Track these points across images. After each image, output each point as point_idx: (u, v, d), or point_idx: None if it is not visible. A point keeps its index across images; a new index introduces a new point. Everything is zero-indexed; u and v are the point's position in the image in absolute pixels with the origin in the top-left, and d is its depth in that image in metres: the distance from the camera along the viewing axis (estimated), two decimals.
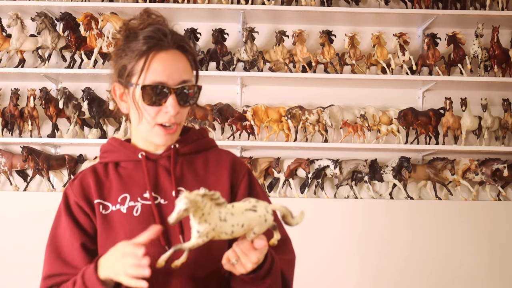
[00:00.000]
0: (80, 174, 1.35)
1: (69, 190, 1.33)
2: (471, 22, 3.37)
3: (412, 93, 3.50)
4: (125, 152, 1.34)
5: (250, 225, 1.11)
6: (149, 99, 1.24)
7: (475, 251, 3.32)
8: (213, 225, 1.09)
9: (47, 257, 1.30)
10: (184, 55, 1.27)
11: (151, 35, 1.25)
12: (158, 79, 1.23)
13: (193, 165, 1.34)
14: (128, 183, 1.30)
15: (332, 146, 3.29)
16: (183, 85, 1.25)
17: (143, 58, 1.24)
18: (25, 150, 3.27)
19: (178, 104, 1.24)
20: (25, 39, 3.31)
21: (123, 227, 1.24)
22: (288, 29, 3.35)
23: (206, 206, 1.09)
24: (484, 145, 3.35)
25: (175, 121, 1.26)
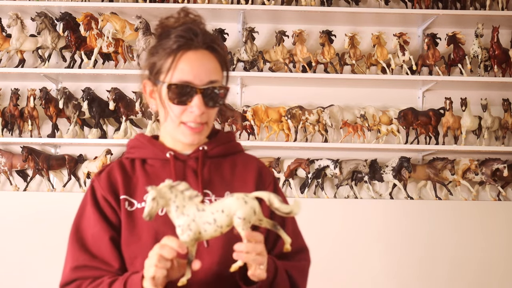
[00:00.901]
0: (108, 167, 1.34)
1: (96, 183, 1.32)
2: (471, 22, 3.36)
3: (412, 93, 3.50)
4: (153, 150, 1.34)
5: (230, 209, 1.09)
6: (174, 98, 1.24)
7: (475, 251, 3.31)
8: (192, 216, 1.08)
9: (72, 248, 1.28)
10: (214, 55, 1.26)
11: (182, 34, 1.25)
12: (184, 78, 1.23)
13: (220, 168, 1.34)
14: (155, 181, 1.28)
15: (332, 146, 3.29)
16: (210, 86, 1.24)
17: (171, 56, 1.24)
18: (25, 150, 3.27)
19: (204, 104, 1.23)
20: (25, 39, 3.31)
21: (148, 226, 1.23)
22: (288, 29, 3.35)
23: (178, 198, 1.08)
24: (484, 145, 3.35)
25: (200, 121, 1.25)
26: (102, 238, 1.26)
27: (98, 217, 1.28)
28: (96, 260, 1.25)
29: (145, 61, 1.30)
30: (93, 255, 1.25)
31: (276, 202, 1.12)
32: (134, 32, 3.27)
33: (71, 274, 1.26)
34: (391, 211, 3.32)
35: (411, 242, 3.31)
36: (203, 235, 1.09)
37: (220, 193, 1.29)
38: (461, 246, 3.31)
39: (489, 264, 3.31)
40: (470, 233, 3.32)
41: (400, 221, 3.31)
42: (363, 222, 3.30)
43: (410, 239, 3.30)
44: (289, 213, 1.13)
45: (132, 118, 3.35)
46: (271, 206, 1.13)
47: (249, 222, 1.09)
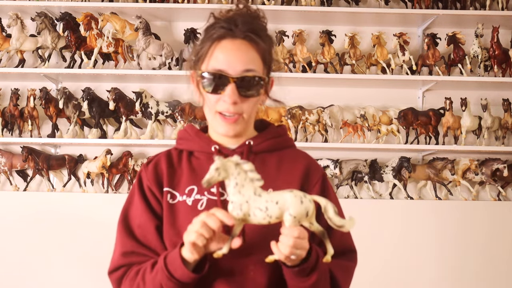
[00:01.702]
0: (156, 158, 1.35)
1: (143, 173, 1.33)
2: (471, 22, 3.35)
3: (412, 93, 3.50)
4: (199, 143, 1.33)
5: (285, 203, 1.09)
6: (208, 86, 1.23)
7: (475, 251, 3.31)
8: (247, 198, 1.09)
9: (120, 234, 1.30)
10: (253, 46, 1.24)
11: (223, 24, 1.25)
12: (218, 66, 1.22)
13: (266, 164, 1.31)
14: (199, 174, 1.28)
15: (332, 146, 3.28)
16: (245, 75, 1.22)
17: (209, 45, 1.24)
18: (25, 150, 3.27)
19: (237, 94, 1.22)
20: (25, 39, 3.30)
21: (187, 220, 1.20)
22: (288, 29, 3.34)
23: (240, 176, 1.09)
24: (484, 145, 3.34)
25: (234, 111, 1.23)
26: (149, 227, 1.28)
27: (144, 206, 1.29)
28: (143, 247, 1.26)
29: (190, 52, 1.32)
30: (141, 242, 1.27)
31: (331, 212, 1.11)
32: (134, 32, 3.27)
33: (119, 259, 1.27)
34: (391, 211, 3.32)
35: (411, 242, 3.30)
36: (250, 219, 1.10)
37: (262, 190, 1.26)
38: (461, 246, 3.31)
39: (490, 264, 3.30)
40: (470, 233, 3.31)
41: (400, 221, 3.31)
42: (363, 222, 3.26)
43: (410, 239, 3.30)
44: (340, 226, 1.12)
45: (132, 118, 3.35)
46: (325, 213, 1.12)
47: (299, 221, 1.10)
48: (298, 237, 1.09)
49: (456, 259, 3.30)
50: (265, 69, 1.27)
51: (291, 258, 1.12)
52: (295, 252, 1.10)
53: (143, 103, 3.24)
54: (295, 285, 1.20)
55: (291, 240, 1.09)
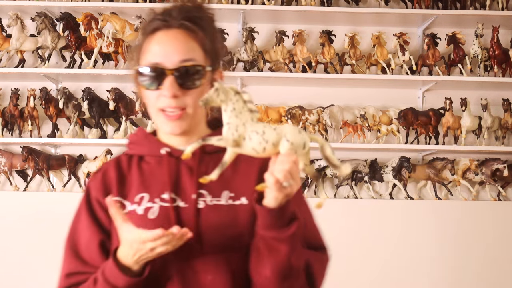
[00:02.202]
0: (104, 166, 1.28)
1: (91, 184, 1.26)
2: (471, 22, 3.35)
3: (412, 93, 3.49)
4: (149, 146, 1.26)
5: (282, 130, 1.03)
6: (145, 83, 1.16)
7: (475, 251, 3.31)
8: (244, 120, 1.04)
9: (66, 254, 1.24)
10: (190, 34, 1.17)
11: (157, 16, 1.19)
12: (154, 60, 1.15)
13: None
14: (149, 180, 1.22)
15: (332, 146, 3.24)
16: (183, 65, 1.14)
17: (144, 39, 1.19)
18: (25, 150, 3.26)
19: (177, 86, 1.14)
20: (25, 39, 3.29)
21: None
22: (288, 29, 3.34)
23: (238, 103, 1.04)
24: (484, 145, 3.33)
25: (176, 105, 1.15)
26: (93, 243, 1.21)
27: (90, 221, 1.22)
28: (88, 265, 1.20)
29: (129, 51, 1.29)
30: (85, 261, 1.20)
31: (329, 151, 1.07)
32: (134, 32, 3.27)
33: (64, 281, 1.22)
34: (391, 211, 3.32)
35: (411, 242, 3.30)
36: (245, 143, 1.04)
37: (217, 193, 1.19)
38: (461, 247, 3.30)
39: (490, 264, 3.30)
40: (470, 233, 3.31)
41: (400, 221, 3.30)
42: (363, 222, 3.30)
43: (410, 240, 3.30)
44: (337, 167, 1.08)
45: (132, 118, 3.34)
46: (322, 152, 1.07)
47: (295, 151, 1.03)
48: (294, 163, 1.02)
49: (456, 259, 3.30)
50: (207, 58, 1.19)
51: (283, 186, 1.02)
52: (289, 180, 1.02)
53: (143, 103, 3.24)
54: (272, 237, 1.09)
55: (287, 164, 1.01)
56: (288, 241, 1.10)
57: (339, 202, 3.33)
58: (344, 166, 1.08)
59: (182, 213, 1.17)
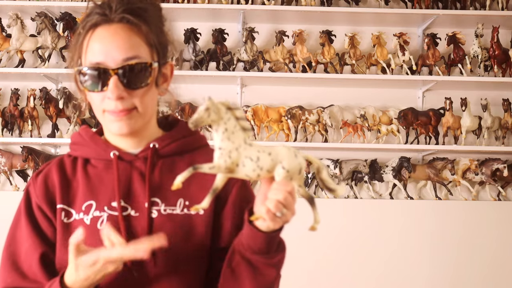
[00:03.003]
0: (45, 169, 1.16)
1: (31, 188, 1.15)
2: (471, 22, 3.33)
3: (412, 93, 3.48)
4: (95, 148, 1.14)
5: (278, 155, 0.97)
6: (87, 84, 1.06)
7: (474, 252, 3.31)
8: (236, 145, 0.96)
9: (3, 264, 1.12)
10: (133, 28, 1.06)
11: (97, 10, 1.07)
12: (95, 59, 1.04)
13: (175, 169, 1.11)
14: (96, 187, 1.11)
15: (332, 146, 3.28)
16: (127, 63, 1.04)
17: (84, 36, 1.07)
18: (25, 150, 3.24)
19: (122, 87, 1.04)
20: (25, 39, 3.27)
21: (86, 241, 1.02)
22: (288, 29, 3.32)
23: (230, 121, 0.96)
24: (484, 145, 3.32)
25: (123, 108, 1.05)
26: (33, 255, 1.10)
27: (31, 229, 1.12)
28: (27, 280, 1.09)
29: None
30: (24, 274, 1.10)
31: (325, 173, 1.02)
32: None
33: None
34: (391, 211, 3.32)
35: (411, 242, 3.30)
36: (238, 169, 0.98)
37: (171, 202, 1.10)
38: (461, 247, 3.30)
39: (490, 264, 3.30)
40: (470, 233, 3.31)
41: (400, 221, 3.30)
42: (363, 222, 3.29)
43: (410, 239, 3.30)
44: (333, 190, 1.04)
45: None
46: (318, 174, 1.02)
47: (291, 178, 0.98)
48: (290, 193, 0.96)
49: (457, 259, 3.30)
50: (154, 53, 1.08)
51: (276, 216, 0.96)
52: (282, 210, 0.96)
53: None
54: (261, 262, 1.04)
55: (281, 194, 0.95)
56: (276, 266, 1.06)
57: (339, 202, 3.32)
58: (340, 188, 1.05)
59: (134, 223, 1.08)
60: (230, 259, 1.07)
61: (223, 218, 1.13)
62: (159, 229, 1.06)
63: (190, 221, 1.09)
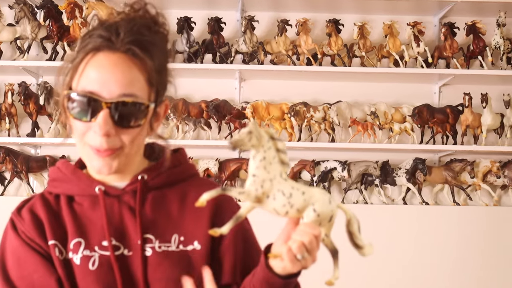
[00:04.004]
0: (28, 205, 1.12)
1: (18, 224, 1.09)
2: (492, 9, 3.27)
3: (428, 88, 3.43)
4: (78, 184, 1.11)
5: (312, 197, 0.99)
6: (75, 112, 1.01)
7: (496, 260, 3.22)
8: (271, 176, 0.98)
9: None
10: (137, 62, 1.02)
11: (102, 32, 1.02)
12: (89, 87, 0.99)
13: (166, 202, 1.12)
14: (85, 225, 1.08)
15: (339, 146, 3.22)
16: (122, 99, 0.99)
17: (82, 58, 1.02)
18: (2, 150, 3.18)
19: (111, 123, 1.00)
20: (2, 29, 3.21)
21: (79, 283, 1.04)
22: (291, 18, 3.27)
23: (270, 151, 0.99)
24: (506, 145, 3.27)
25: (108, 146, 1.00)
26: (49, 282, 1.05)
27: (37, 258, 1.06)
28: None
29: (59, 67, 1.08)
30: None
31: (356, 227, 1.04)
32: None
33: None
34: (405, 217, 3.26)
35: (427, 252, 3.21)
36: (268, 202, 0.99)
37: (166, 238, 1.08)
38: (481, 256, 3.22)
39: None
40: (491, 242, 3.24)
41: (415, 229, 3.24)
42: (373, 230, 3.13)
43: (425, 249, 3.22)
44: (361, 247, 1.04)
45: None
46: (348, 226, 1.04)
47: (320, 223, 0.99)
48: (316, 237, 0.97)
49: (477, 269, 3.22)
50: (152, 92, 1.05)
51: (296, 259, 0.98)
52: (304, 253, 0.97)
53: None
54: None
55: (307, 237, 0.96)
56: None
57: (348, 207, 3.11)
58: (368, 248, 1.04)
59: (128, 263, 1.06)
60: None
61: (222, 252, 1.13)
62: (155, 268, 1.07)
63: (188, 258, 1.09)
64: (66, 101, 1.02)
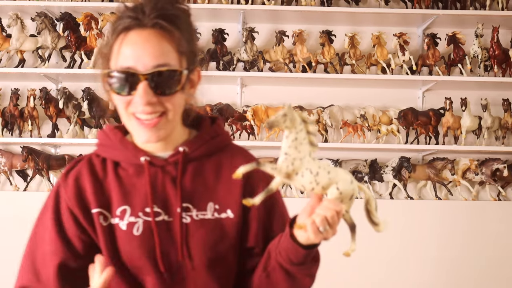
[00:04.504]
0: (75, 169, 1.15)
1: (62, 189, 1.13)
2: (471, 22, 3.34)
3: (412, 93, 3.48)
4: (125, 152, 1.14)
5: (336, 176, 1.02)
6: (116, 88, 1.06)
7: (475, 251, 3.31)
8: (302, 155, 1.01)
9: (23, 263, 1.15)
10: (165, 34, 1.06)
11: (130, 13, 1.06)
12: (126, 63, 1.04)
13: (203, 173, 1.15)
14: (129, 192, 1.12)
15: (332, 146, 3.28)
16: (157, 70, 1.03)
17: (115, 39, 1.07)
18: (25, 150, 3.26)
19: (151, 93, 1.04)
20: (25, 39, 3.29)
21: (123, 247, 1.08)
22: (288, 29, 3.33)
23: (301, 133, 1.02)
24: (484, 145, 3.33)
25: (151, 111, 1.04)
26: (51, 261, 1.10)
27: (55, 233, 1.11)
28: (41, 284, 1.11)
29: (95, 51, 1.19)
30: (39, 276, 1.12)
31: (373, 205, 1.08)
32: None
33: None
34: (391, 211, 3.30)
35: (411, 243, 3.29)
36: (296, 178, 1.02)
37: (202, 206, 1.12)
38: (461, 246, 3.30)
39: (490, 264, 3.30)
40: (470, 233, 3.31)
41: (400, 221, 3.28)
42: (362, 222, 3.27)
43: (409, 240, 3.29)
44: (377, 224, 1.09)
45: None
46: (367, 204, 1.08)
47: (342, 200, 1.03)
48: (338, 213, 1.00)
49: (456, 259, 3.30)
50: (183, 60, 1.08)
51: (319, 231, 1.01)
52: (326, 226, 1.00)
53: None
54: (299, 272, 1.10)
55: (330, 212, 0.99)
56: (312, 275, 1.13)
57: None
58: (382, 225, 1.10)
59: (168, 228, 1.11)
60: (266, 264, 1.13)
61: (250, 219, 1.16)
62: (193, 234, 1.10)
63: (221, 225, 1.13)
64: (107, 79, 1.06)
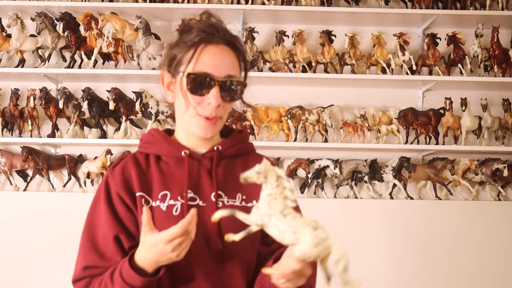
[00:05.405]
0: (122, 163, 1.34)
1: (110, 179, 1.32)
2: (471, 22, 3.35)
3: (412, 93, 3.49)
4: (167, 147, 1.34)
5: (300, 238, 1.09)
6: (193, 87, 1.25)
7: (475, 251, 3.31)
8: (272, 211, 1.11)
9: (83, 246, 1.30)
10: (234, 52, 1.29)
11: (204, 29, 1.28)
12: (204, 69, 1.25)
13: (233, 169, 1.35)
14: (169, 179, 1.30)
15: (332, 146, 3.28)
16: (228, 79, 1.25)
17: (192, 48, 1.26)
18: (25, 150, 3.27)
19: (220, 97, 1.25)
20: (25, 39, 3.30)
21: (162, 226, 1.20)
22: (288, 29, 3.34)
23: (277, 189, 1.12)
24: (484, 145, 3.34)
25: (215, 115, 1.26)
26: (109, 236, 1.27)
27: (109, 214, 1.29)
28: (105, 260, 1.26)
29: (164, 54, 1.34)
30: (102, 254, 1.27)
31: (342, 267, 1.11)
32: (134, 32, 3.27)
33: (81, 272, 1.28)
34: (391, 211, 3.32)
35: (411, 242, 3.30)
36: (267, 230, 1.14)
37: (232, 195, 1.31)
38: (461, 246, 3.31)
39: (489, 264, 3.31)
40: (470, 233, 3.31)
41: (400, 221, 3.30)
42: (363, 222, 3.29)
43: (410, 239, 3.30)
44: (347, 283, 1.11)
45: (132, 118, 3.35)
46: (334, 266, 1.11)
47: (306, 260, 1.11)
48: (293, 273, 1.13)
49: (456, 259, 3.30)
50: (241, 75, 1.31)
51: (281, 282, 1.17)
52: (285, 283, 1.15)
53: (143, 103, 3.24)
54: None
55: (286, 270, 1.14)
56: None
57: (339, 202, 3.33)
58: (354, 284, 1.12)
59: (202, 212, 1.25)
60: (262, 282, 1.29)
61: None
62: (223, 217, 1.22)
63: (247, 212, 1.23)
64: (185, 80, 1.25)
